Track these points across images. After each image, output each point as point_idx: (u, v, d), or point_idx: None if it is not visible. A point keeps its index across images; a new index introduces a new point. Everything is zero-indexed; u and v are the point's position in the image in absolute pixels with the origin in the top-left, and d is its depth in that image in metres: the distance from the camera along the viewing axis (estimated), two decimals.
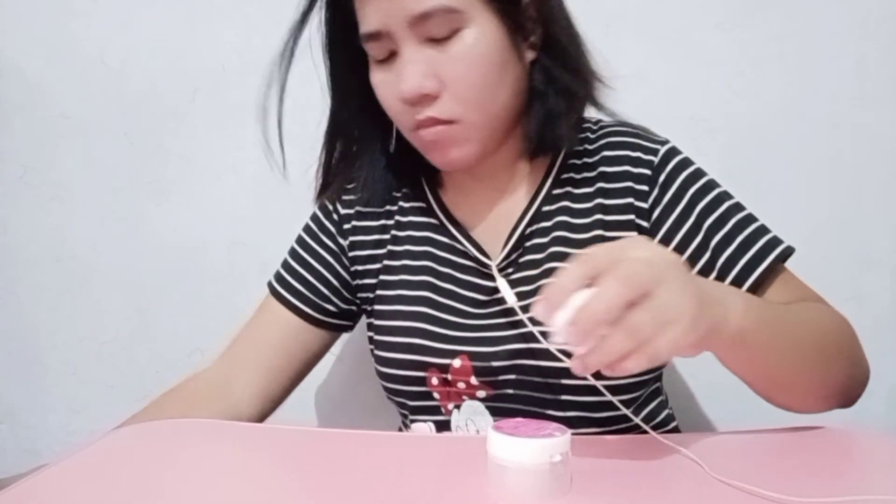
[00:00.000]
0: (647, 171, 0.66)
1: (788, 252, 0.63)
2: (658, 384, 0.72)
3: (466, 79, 0.60)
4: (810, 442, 0.55)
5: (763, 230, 0.64)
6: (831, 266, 1.00)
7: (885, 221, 1.01)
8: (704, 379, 1.03)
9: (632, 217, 0.66)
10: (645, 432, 0.56)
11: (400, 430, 0.78)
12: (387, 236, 0.73)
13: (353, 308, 0.77)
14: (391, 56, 0.62)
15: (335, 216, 0.76)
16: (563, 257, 0.65)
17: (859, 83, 1.00)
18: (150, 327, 1.12)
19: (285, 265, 0.78)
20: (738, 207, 0.65)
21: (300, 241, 0.78)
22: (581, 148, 0.69)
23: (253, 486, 0.47)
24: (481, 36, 0.60)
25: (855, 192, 1.01)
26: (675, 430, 0.72)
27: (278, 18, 1.05)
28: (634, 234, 0.65)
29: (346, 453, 0.54)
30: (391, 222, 0.74)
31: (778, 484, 0.43)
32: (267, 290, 0.78)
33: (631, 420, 0.62)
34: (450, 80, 0.60)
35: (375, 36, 0.61)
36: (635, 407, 0.66)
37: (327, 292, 0.75)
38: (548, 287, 0.43)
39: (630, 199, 0.66)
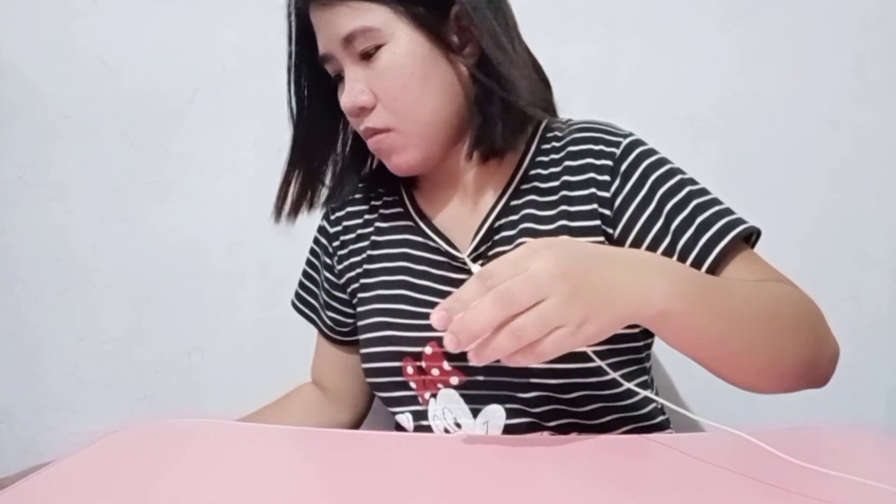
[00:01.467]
0: (609, 162, 0.68)
1: (750, 231, 0.64)
2: (646, 377, 0.72)
3: (391, 90, 0.66)
4: (809, 441, 0.55)
5: (724, 212, 0.64)
6: (830, 266, 1.00)
7: (885, 221, 1.01)
8: (700, 379, 1.03)
9: (594, 206, 0.67)
10: (626, 419, 0.59)
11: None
12: (366, 243, 0.78)
13: None
14: (341, 75, 0.68)
15: (329, 234, 0.82)
16: None
17: (859, 83, 1.00)
18: (149, 327, 1.12)
19: (303, 292, 0.87)
20: (700, 192, 0.66)
21: (308, 265, 0.86)
22: (549, 146, 0.72)
23: (253, 486, 0.48)
24: (400, 50, 0.65)
25: (854, 192, 1.01)
26: (666, 423, 0.72)
27: (278, 18, 1.06)
28: (598, 222, 0.67)
29: (346, 453, 0.55)
30: (370, 230, 0.78)
31: (778, 479, 0.43)
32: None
33: (604, 401, 0.66)
34: (379, 93, 0.66)
35: (325, 59, 0.68)
36: (618, 396, 0.67)
37: (333, 315, 0.83)
38: (448, 299, 0.46)
39: (592, 190, 0.68)
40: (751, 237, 0.65)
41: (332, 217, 0.82)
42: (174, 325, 1.11)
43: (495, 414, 0.67)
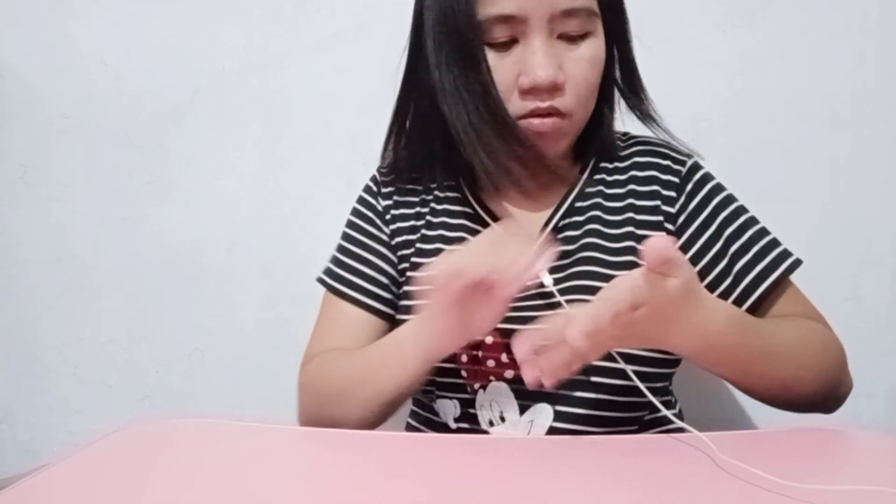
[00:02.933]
0: (675, 179, 0.72)
1: (797, 264, 0.68)
2: (667, 383, 0.74)
3: (588, 79, 0.67)
4: (810, 442, 0.55)
5: (776, 242, 0.69)
6: (831, 266, 1.00)
7: (885, 221, 1.01)
8: (706, 381, 1.03)
9: (660, 219, 0.71)
10: (655, 418, 0.61)
11: (407, 426, 0.78)
12: (421, 222, 0.76)
13: None
14: (511, 42, 0.65)
15: (379, 208, 0.78)
16: (594, 248, 0.70)
17: (859, 83, 1.00)
18: (150, 327, 1.12)
19: (341, 264, 0.78)
20: (755, 220, 0.71)
21: (350, 237, 0.79)
22: (612, 154, 0.75)
23: (252, 486, 0.47)
24: (601, 43, 0.67)
25: (855, 191, 1.01)
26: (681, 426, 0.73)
27: (278, 18, 1.06)
28: (662, 234, 0.70)
29: (347, 454, 0.54)
30: (426, 210, 0.76)
31: (779, 477, 0.43)
32: (323, 289, 0.78)
33: (642, 410, 0.67)
34: (573, 77, 0.65)
35: (507, 19, 0.64)
36: (644, 402, 0.67)
37: (386, 281, 0.76)
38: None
39: (658, 202, 0.71)
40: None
41: (383, 190, 0.78)
42: (174, 326, 1.11)
43: (542, 413, 0.66)
